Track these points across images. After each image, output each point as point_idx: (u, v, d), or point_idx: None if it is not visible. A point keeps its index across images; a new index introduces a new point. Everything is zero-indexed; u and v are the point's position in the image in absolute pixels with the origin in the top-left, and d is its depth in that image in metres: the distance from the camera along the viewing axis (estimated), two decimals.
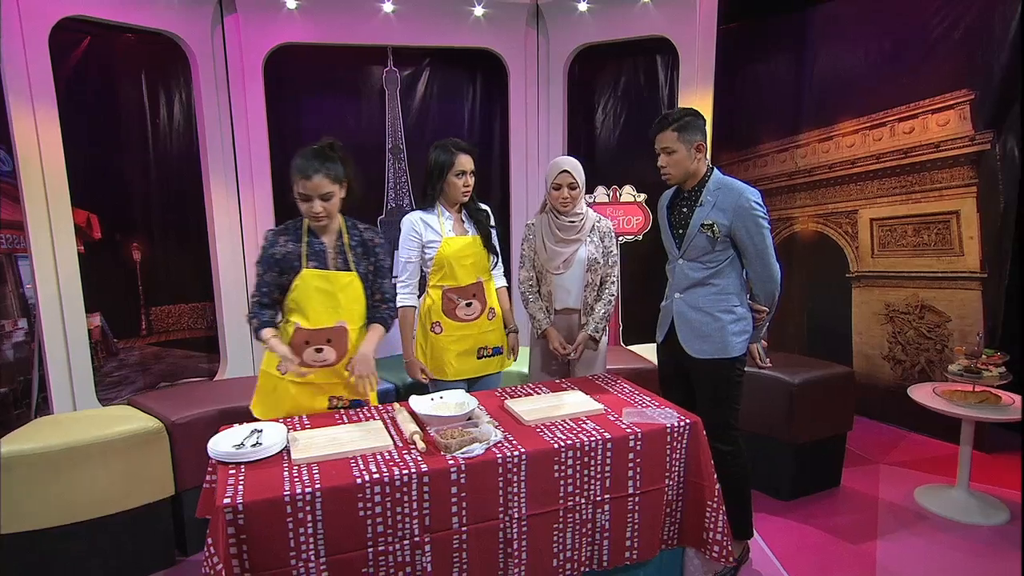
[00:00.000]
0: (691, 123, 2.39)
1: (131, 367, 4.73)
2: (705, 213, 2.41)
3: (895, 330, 4.04)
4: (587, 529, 2.10)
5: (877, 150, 4.01)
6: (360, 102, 4.81)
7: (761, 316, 2.53)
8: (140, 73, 4.38)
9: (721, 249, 2.42)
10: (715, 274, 2.44)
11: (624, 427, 2.14)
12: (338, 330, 2.27)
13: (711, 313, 2.45)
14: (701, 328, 2.46)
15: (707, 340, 2.46)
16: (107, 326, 4.60)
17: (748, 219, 2.36)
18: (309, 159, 2.21)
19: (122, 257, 4.53)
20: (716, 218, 2.38)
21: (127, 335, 4.62)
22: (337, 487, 1.79)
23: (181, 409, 2.76)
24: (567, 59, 4.61)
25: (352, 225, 2.38)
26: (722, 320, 2.44)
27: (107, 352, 4.64)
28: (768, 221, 2.40)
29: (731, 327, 2.45)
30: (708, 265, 2.44)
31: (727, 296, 2.46)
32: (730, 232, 2.39)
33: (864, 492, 3.26)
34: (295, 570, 1.76)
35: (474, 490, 1.93)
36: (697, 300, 2.47)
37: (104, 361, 4.62)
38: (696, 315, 2.47)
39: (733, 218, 2.37)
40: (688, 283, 2.49)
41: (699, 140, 2.40)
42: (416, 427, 2.08)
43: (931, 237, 3.81)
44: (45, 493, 2.40)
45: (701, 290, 2.47)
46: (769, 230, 2.40)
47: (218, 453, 1.93)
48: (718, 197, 2.40)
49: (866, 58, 4.04)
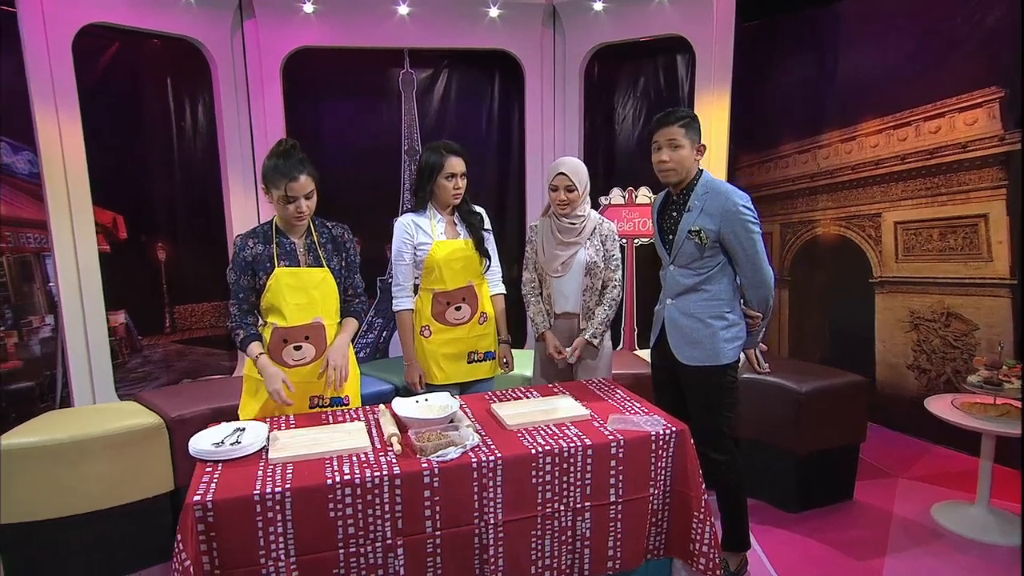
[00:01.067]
0: (695, 123, 2.37)
1: (155, 363, 4.86)
2: (693, 219, 2.35)
3: (920, 338, 3.88)
4: (567, 537, 2.06)
5: (902, 150, 3.85)
6: (377, 104, 4.85)
7: (755, 322, 2.47)
8: (165, 78, 4.50)
9: (711, 255, 2.37)
10: (706, 280, 2.39)
11: (607, 434, 2.10)
12: (315, 326, 2.29)
13: (702, 319, 2.40)
14: (692, 334, 2.42)
15: (698, 347, 2.41)
16: (132, 323, 4.73)
17: (736, 223, 2.30)
18: (291, 162, 2.22)
19: (147, 256, 4.65)
20: (704, 224, 2.33)
21: (151, 332, 4.74)
22: (307, 487, 1.79)
23: (183, 406, 2.82)
24: (583, 59, 4.57)
25: (320, 223, 2.40)
26: (713, 326, 2.39)
27: (131, 349, 4.78)
28: (758, 224, 2.33)
29: (723, 333, 2.40)
30: (699, 271, 2.39)
31: (719, 302, 2.40)
32: (719, 237, 2.33)
33: (878, 506, 3.13)
34: (265, 569, 1.77)
35: (448, 494, 1.91)
36: (689, 306, 2.43)
37: (128, 357, 4.75)
38: (687, 321, 2.43)
39: (721, 223, 2.31)
40: (679, 289, 2.44)
41: (700, 142, 2.38)
42: (395, 429, 2.07)
43: (958, 241, 3.64)
44: (47, 485, 2.47)
45: (693, 296, 2.42)
46: (760, 234, 2.34)
47: (197, 451, 1.96)
48: (706, 202, 2.35)
49: (890, 55, 3.89)
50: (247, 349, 2.27)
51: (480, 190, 5.03)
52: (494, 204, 5.05)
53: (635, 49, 4.65)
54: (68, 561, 2.57)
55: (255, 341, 2.28)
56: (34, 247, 4.14)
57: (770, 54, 4.57)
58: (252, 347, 2.27)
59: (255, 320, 2.34)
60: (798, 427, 2.99)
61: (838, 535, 2.88)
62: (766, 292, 2.40)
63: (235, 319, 2.31)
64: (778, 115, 4.57)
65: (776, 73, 4.55)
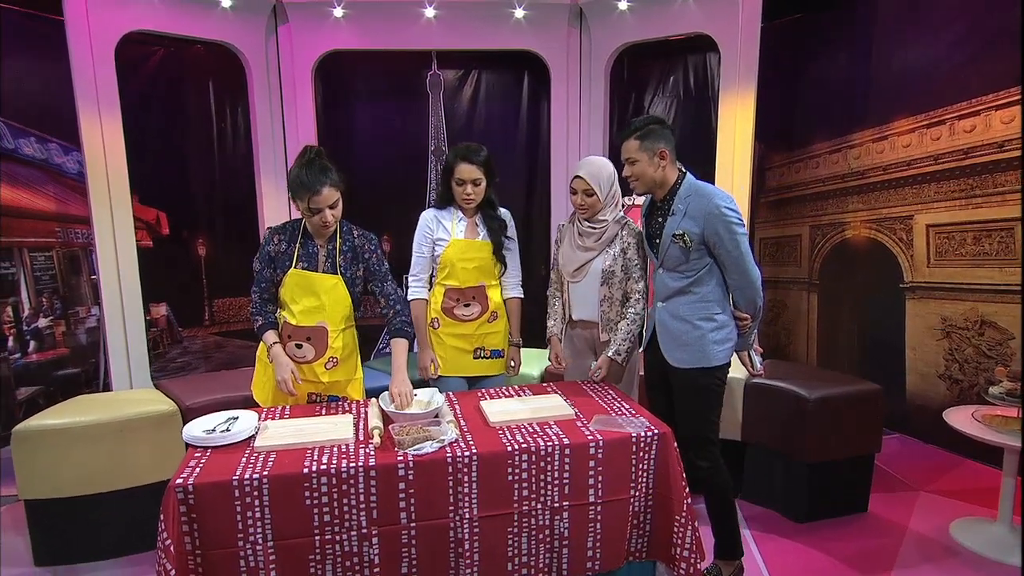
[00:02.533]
0: (654, 131, 2.33)
1: (193, 354, 5.10)
2: (676, 223, 2.34)
3: (952, 347, 3.71)
4: (545, 535, 2.07)
5: (935, 150, 3.69)
6: (406, 105, 4.95)
7: (745, 323, 2.44)
8: (206, 83, 4.72)
9: (697, 258, 2.35)
10: (694, 282, 2.38)
11: (587, 434, 2.10)
12: (318, 330, 2.37)
13: (691, 321, 2.39)
14: (681, 337, 2.40)
15: (687, 349, 2.39)
16: (173, 315, 4.98)
17: (719, 225, 2.27)
18: (313, 174, 2.23)
19: (188, 252, 4.89)
20: (687, 227, 2.31)
21: (191, 324, 4.98)
22: (284, 475, 1.86)
23: (198, 394, 2.95)
24: (608, 59, 4.54)
25: (348, 230, 2.46)
26: (702, 328, 2.38)
27: (172, 339, 5.03)
28: (742, 225, 2.30)
29: (712, 335, 2.38)
30: (686, 274, 2.38)
31: (707, 304, 2.38)
32: (703, 240, 2.31)
33: (893, 520, 3.02)
34: (243, 552, 1.85)
35: (423, 487, 1.95)
36: (678, 309, 2.41)
37: (169, 347, 5.00)
38: (677, 324, 2.41)
39: (704, 225, 2.29)
40: (668, 292, 2.43)
41: (662, 147, 2.32)
42: (379, 423, 2.13)
43: (993, 246, 3.47)
44: (68, 464, 2.64)
45: (682, 299, 2.41)
46: (744, 235, 2.30)
47: (190, 437, 2.06)
48: (688, 204, 2.33)
49: (923, 51, 3.73)
50: (263, 336, 2.39)
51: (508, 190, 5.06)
52: (522, 204, 5.08)
53: (661, 48, 4.60)
54: (89, 537, 2.73)
55: (271, 329, 2.39)
56: (81, 242, 4.41)
57: (800, 52, 4.44)
58: (268, 335, 2.38)
59: (274, 309, 2.45)
60: (806, 434, 2.91)
61: (844, 548, 2.79)
62: (752, 293, 2.37)
63: (256, 306, 2.42)
64: (809, 114, 4.44)
65: (806, 71, 4.43)
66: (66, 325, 4.38)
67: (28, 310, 4.18)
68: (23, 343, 4.15)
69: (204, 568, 1.84)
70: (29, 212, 4.17)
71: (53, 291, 4.31)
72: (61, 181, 4.30)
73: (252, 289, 2.45)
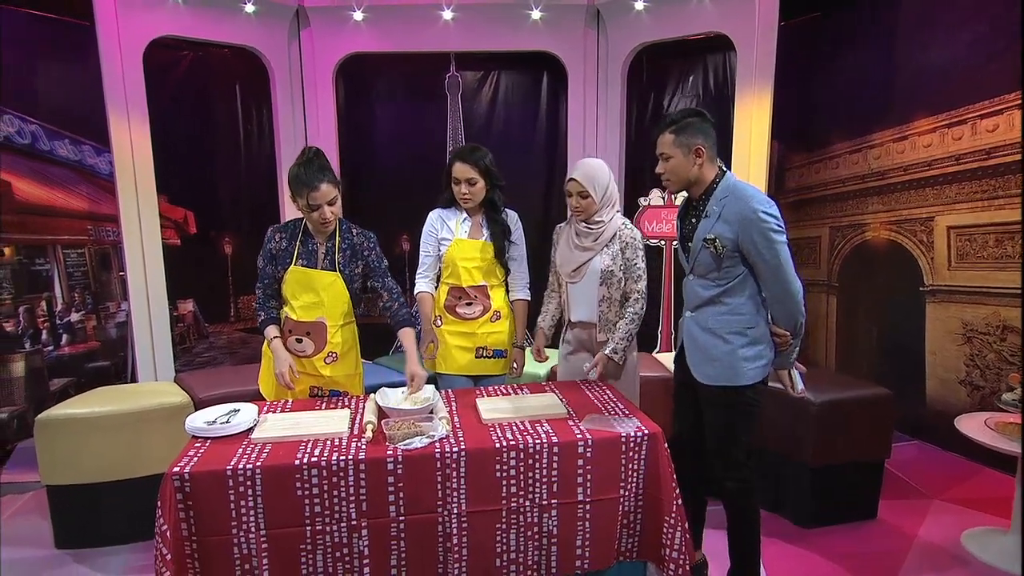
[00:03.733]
0: (692, 124, 2.18)
1: (219, 349, 5.25)
2: (709, 226, 2.17)
3: (973, 352, 3.61)
4: (533, 532, 2.10)
5: (956, 150, 3.60)
6: (425, 106, 5.02)
7: (783, 340, 2.23)
8: (232, 86, 4.86)
9: (730, 266, 2.17)
10: (725, 292, 2.20)
11: (577, 433, 2.12)
12: (317, 325, 2.44)
13: (721, 335, 2.21)
14: (710, 351, 2.23)
15: (715, 364, 2.22)
16: (199, 311, 5.14)
17: (755, 231, 2.08)
18: (311, 171, 2.32)
19: (214, 250, 5.03)
20: (720, 231, 2.14)
21: (217, 320, 5.12)
22: (276, 466, 1.93)
23: (212, 387, 3.06)
24: (626, 59, 4.54)
25: (347, 228, 2.52)
26: (733, 343, 2.19)
27: (198, 335, 5.18)
28: (783, 232, 2.10)
29: (743, 351, 2.19)
30: (717, 283, 2.20)
31: (739, 317, 2.20)
32: (738, 247, 2.13)
33: (902, 528, 2.96)
34: (236, 539, 1.92)
35: (412, 481, 1.99)
36: (707, 320, 2.24)
37: (195, 342, 5.16)
38: (705, 337, 2.25)
39: (739, 230, 2.10)
40: (698, 301, 2.26)
41: (699, 143, 2.17)
42: (373, 418, 2.18)
43: (1015, 248, 3.36)
44: (86, 452, 2.76)
45: (711, 309, 2.23)
46: (784, 243, 2.10)
47: (191, 428, 2.15)
48: (724, 207, 2.15)
49: (943, 50, 3.63)
50: (264, 331, 2.47)
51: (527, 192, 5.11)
52: (540, 205, 5.10)
53: (681, 48, 4.58)
54: (106, 522, 2.85)
55: (272, 324, 2.47)
56: (112, 240, 4.58)
57: (820, 51, 4.37)
58: (268, 330, 2.46)
59: (277, 304, 2.52)
60: (812, 438, 2.87)
61: (847, 553, 2.75)
62: (793, 307, 2.15)
63: (259, 301, 2.51)
64: (829, 114, 4.37)
65: (827, 70, 4.36)
66: (97, 319, 4.56)
67: (61, 305, 4.36)
68: (56, 336, 4.34)
69: (199, 554, 1.91)
70: (63, 211, 4.35)
71: (85, 287, 4.49)
72: (93, 181, 4.47)
73: (256, 286, 2.53)
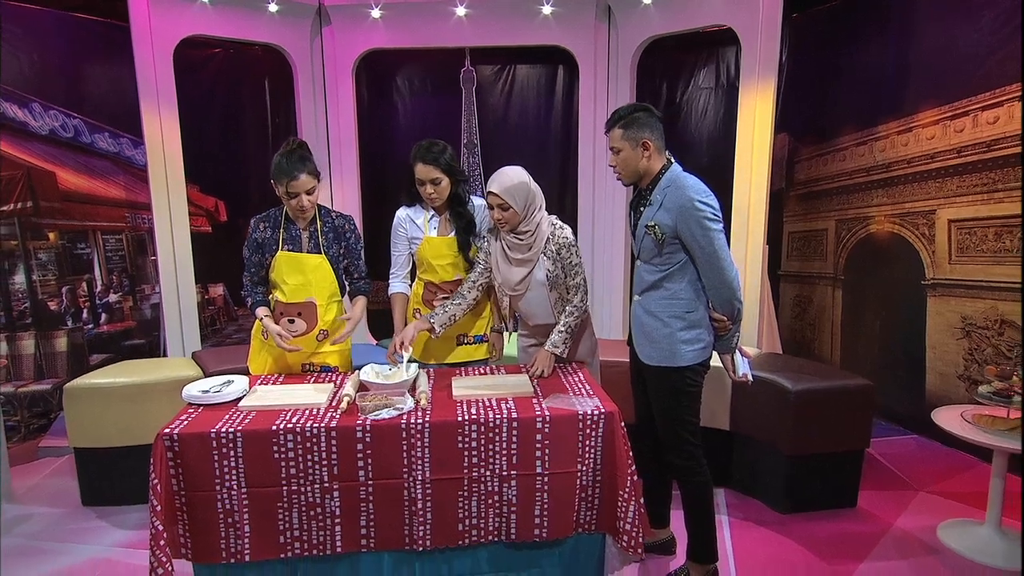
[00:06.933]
0: (638, 119, 2.28)
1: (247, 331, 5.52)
2: (651, 214, 2.29)
3: (972, 346, 3.58)
4: (494, 500, 2.24)
5: (958, 143, 3.56)
6: (441, 100, 5.19)
7: (722, 325, 2.34)
8: (260, 82, 5.12)
9: (670, 252, 2.29)
10: (666, 277, 2.32)
11: (537, 410, 2.25)
12: (308, 305, 2.62)
13: (661, 318, 2.35)
14: (652, 333, 2.37)
15: (656, 346, 2.36)
16: (229, 295, 5.44)
17: (691, 220, 2.20)
18: (292, 161, 2.49)
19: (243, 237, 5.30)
20: (660, 219, 2.26)
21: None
22: (255, 430, 2.12)
23: (223, 363, 3.30)
24: (635, 53, 4.60)
25: (325, 213, 2.69)
26: (672, 326, 2.33)
27: (228, 317, 5.49)
28: (718, 221, 2.21)
29: (681, 334, 2.32)
30: (660, 268, 2.33)
31: (679, 301, 2.33)
32: (676, 234, 2.25)
33: (880, 517, 2.99)
34: (219, 494, 2.12)
35: (379, 449, 2.16)
36: (650, 304, 2.38)
37: (225, 324, 5.47)
38: (648, 319, 2.39)
39: (677, 218, 2.22)
40: (644, 286, 2.39)
41: (645, 137, 2.27)
42: (351, 391, 2.35)
43: (1014, 243, 3.32)
44: (108, 418, 3.04)
45: (654, 293, 2.36)
46: (720, 231, 2.21)
47: (187, 395, 2.36)
48: (665, 196, 2.26)
49: (948, 41, 3.59)
50: (255, 311, 2.66)
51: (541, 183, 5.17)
52: (555, 198, 5.21)
53: (692, 40, 4.62)
54: (125, 483, 3.13)
55: (261, 306, 2.66)
56: (147, 226, 4.90)
57: (829, 43, 4.35)
58: (259, 310, 2.65)
59: (264, 290, 2.72)
60: (789, 426, 2.93)
61: (819, 538, 2.81)
62: (728, 294, 2.26)
63: (246, 288, 2.70)
64: (837, 106, 4.34)
65: (835, 62, 4.33)
66: (133, 301, 4.89)
67: (100, 286, 4.70)
68: (96, 315, 4.68)
69: (188, 507, 2.12)
70: (103, 199, 4.68)
71: (122, 270, 4.82)
72: (131, 171, 4.79)
73: (244, 274, 2.70)
